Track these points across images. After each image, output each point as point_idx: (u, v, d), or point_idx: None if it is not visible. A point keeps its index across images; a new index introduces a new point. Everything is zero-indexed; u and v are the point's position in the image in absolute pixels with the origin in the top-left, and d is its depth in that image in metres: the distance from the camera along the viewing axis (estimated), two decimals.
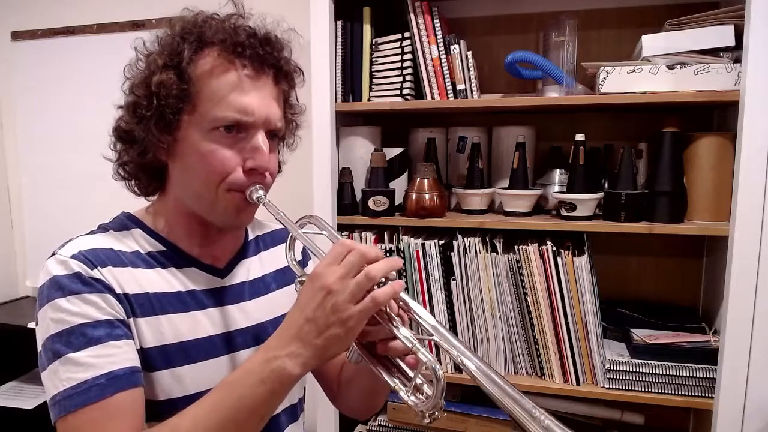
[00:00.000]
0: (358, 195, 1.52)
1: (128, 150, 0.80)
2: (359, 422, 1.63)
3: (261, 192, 0.79)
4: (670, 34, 1.29)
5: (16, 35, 2.17)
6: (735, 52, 1.24)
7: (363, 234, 1.50)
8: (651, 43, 1.29)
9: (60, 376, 0.68)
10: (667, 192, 1.31)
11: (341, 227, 1.52)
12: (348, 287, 0.66)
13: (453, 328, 1.43)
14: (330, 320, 0.66)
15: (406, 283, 1.46)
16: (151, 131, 0.75)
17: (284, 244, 0.96)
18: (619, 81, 1.30)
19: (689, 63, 1.26)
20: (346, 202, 1.51)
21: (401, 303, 0.71)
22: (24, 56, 2.17)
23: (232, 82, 0.75)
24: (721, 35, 1.24)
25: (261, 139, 0.77)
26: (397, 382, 0.72)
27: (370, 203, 1.48)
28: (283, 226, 0.99)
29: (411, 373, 0.73)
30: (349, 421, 1.59)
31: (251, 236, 0.95)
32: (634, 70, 1.29)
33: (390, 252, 1.46)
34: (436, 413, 0.68)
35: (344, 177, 1.51)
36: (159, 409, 0.74)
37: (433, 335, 0.68)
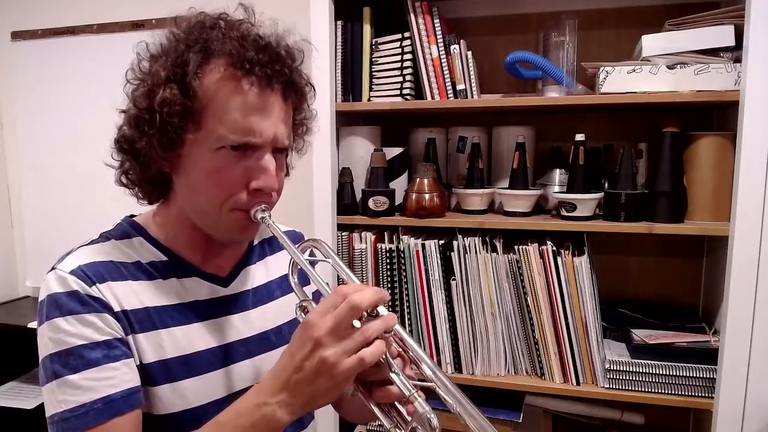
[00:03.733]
0: (358, 195, 1.52)
1: (130, 161, 0.78)
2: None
3: (266, 213, 0.77)
4: (670, 34, 1.29)
5: (16, 35, 2.17)
6: (735, 52, 1.24)
7: (363, 234, 1.50)
8: (651, 43, 1.29)
9: (58, 397, 0.68)
10: (667, 192, 1.31)
11: (341, 227, 1.52)
12: (338, 342, 0.65)
13: (453, 329, 1.43)
14: (318, 372, 0.65)
15: (406, 283, 1.46)
16: (154, 147, 0.73)
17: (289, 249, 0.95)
18: (619, 81, 1.30)
19: (689, 63, 1.26)
20: (346, 202, 1.51)
21: (401, 346, 0.70)
22: (24, 56, 2.17)
23: (240, 102, 0.72)
24: (721, 35, 1.24)
25: (268, 159, 0.75)
26: (392, 426, 0.71)
27: (370, 203, 1.48)
28: (289, 229, 0.97)
29: (406, 414, 0.72)
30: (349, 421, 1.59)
31: (256, 241, 0.93)
32: (634, 70, 1.29)
33: (390, 252, 1.46)
34: None
35: (344, 177, 1.51)
36: (161, 424, 0.74)
37: (433, 381, 0.68)
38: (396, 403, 0.73)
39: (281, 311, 0.90)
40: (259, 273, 0.91)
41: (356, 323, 0.66)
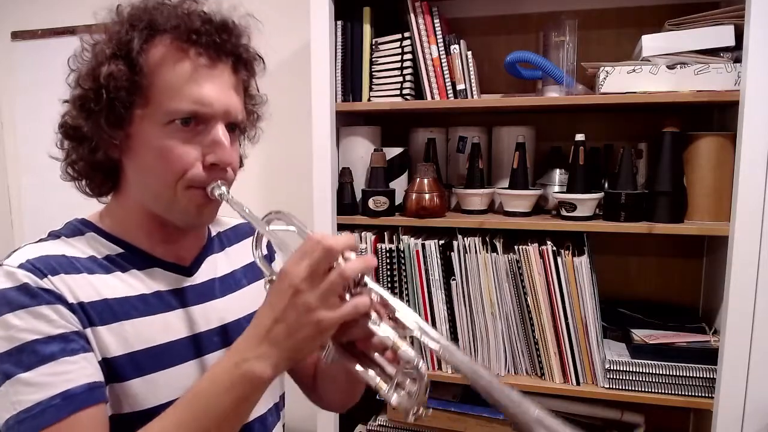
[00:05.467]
0: (358, 195, 1.52)
1: (77, 148, 0.75)
2: (359, 422, 1.63)
3: (224, 188, 0.74)
4: (670, 34, 1.29)
5: (16, 35, 2.17)
6: (735, 52, 1.24)
7: (363, 234, 1.50)
8: (651, 43, 1.29)
9: (11, 399, 0.63)
10: (667, 192, 1.31)
11: (341, 227, 1.52)
12: (318, 287, 0.62)
13: (453, 329, 1.43)
14: (302, 321, 0.62)
15: (406, 283, 1.46)
16: (101, 127, 0.70)
17: (250, 238, 0.91)
18: (619, 81, 1.30)
19: (689, 63, 1.26)
20: (346, 202, 1.51)
21: (377, 296, 0.67)
22: (24, 56, 2.17)
23: (187, 71, 0.70)
24: (721, 35, 1.24)
25: (221, 131, 0.72)
26: (378, 380, 0.68)
27: (370, 203, 1.48)
28: (245, 221, 0.93)
29: (391, 370, 0.69)
30: (349, 420, 1.59)
31: (213, 233, 0.91)
32: (634, 70, 1.29)
33: (390, 252, 1.46)
34: (421, 411, 0.64)
35: (344, 177, 1.51)
36: (135, 422, 0.68)
37: (413, 330, 0.65)
38: (378, 358, 0.70)
39: (251, 299, 0.87)
40: (223, 262, 0.88)
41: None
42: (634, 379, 1.32)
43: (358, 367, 0.69)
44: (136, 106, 0.70)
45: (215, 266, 0.86)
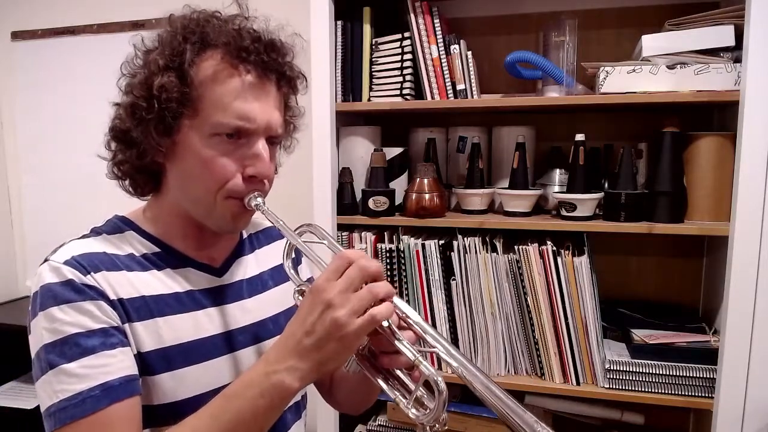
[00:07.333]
0: (358, 195, 1.52)
1: (125, 150, 0.79)
2: (359, 422, 1.63)
3: (260, 200, 0.78)
4: (670, 34, 1.29)
5: (16, 35, 2.17)
6: (735, 52, 1.24)
7: (363, 234, 1.50)
8: (651, 43, 1.29)
9: (54, 388, 0.67)
10: (667, 192, 1.31)
11: (341, 227, 1.52)
12: (349, 302, 0.66)
13: (453, 329, 1.43)
14: (329, 335, 0.66)
15: (406, 283, 1.46)
16: (150, 134, 0.74)
17: (278, 241, 0.96)
18: (619, 81, 1.30)
19: (689, 63, 1.26)
20: (346, 202, 1.51)
21: (401, 314, 0.71)
22: (24, 56, 2.17)
23: (236, 88, 0.74)
24: (721, 35, 1.24)
25: (262, 146, 0.76)
26: (398, 394, 0.72)
27: (370, 203, 1.48)
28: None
29: (411, 385, 0.73)
30: (349, 421, 1.59)
31: (245, 234, 0.95)
32: (634, 70, 1.29)
33: (390, 252, 1.46)
34: (437, 426, 0.68)
35: (344, 177, 1.51)
36: (162, 414, 0.73)
37: (435, 347, 0.69)
38: (399, 373, 0.74)
39: (276, 301, 0.91)
40: (252, 264, 0.92)
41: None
42: (634, 379, 1.32)
43: (380, 380, 0.73)
44: (184, 117, 0.74)
45: (245, 268, 0.90)
